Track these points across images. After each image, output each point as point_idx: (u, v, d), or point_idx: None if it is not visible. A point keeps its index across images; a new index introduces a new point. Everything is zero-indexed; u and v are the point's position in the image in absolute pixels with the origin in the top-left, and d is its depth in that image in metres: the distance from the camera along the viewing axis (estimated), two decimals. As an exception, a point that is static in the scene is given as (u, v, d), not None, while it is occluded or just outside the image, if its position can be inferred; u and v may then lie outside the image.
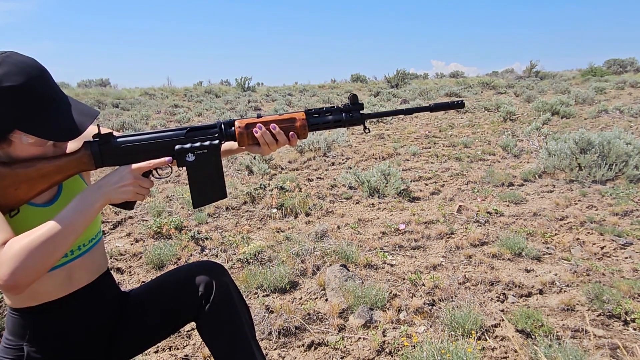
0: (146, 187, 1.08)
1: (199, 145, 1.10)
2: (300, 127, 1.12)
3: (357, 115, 1.12)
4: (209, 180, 1.13)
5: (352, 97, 1.13)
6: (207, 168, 1.12)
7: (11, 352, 1.13)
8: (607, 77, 19.41)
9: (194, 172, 1.12)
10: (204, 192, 1.14)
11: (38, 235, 0.94)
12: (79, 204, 1.00)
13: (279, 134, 1.12)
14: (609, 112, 9.04)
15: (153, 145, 1.10)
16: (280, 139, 1.12)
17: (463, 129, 8.27)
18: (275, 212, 3.79)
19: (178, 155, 1.10)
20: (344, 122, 1.13)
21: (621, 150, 4.36)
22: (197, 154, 1.10)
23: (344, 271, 2.52)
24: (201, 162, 1.11)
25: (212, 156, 1.11)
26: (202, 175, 1.12)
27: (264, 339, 2.04)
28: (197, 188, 1.14)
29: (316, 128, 1.14)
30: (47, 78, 1.01)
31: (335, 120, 1.13)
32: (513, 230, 3.29)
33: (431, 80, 26.68)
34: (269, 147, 1.13)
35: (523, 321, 2.04)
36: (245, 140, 1.12)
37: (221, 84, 27.03)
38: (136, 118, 10.84)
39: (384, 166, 4.44)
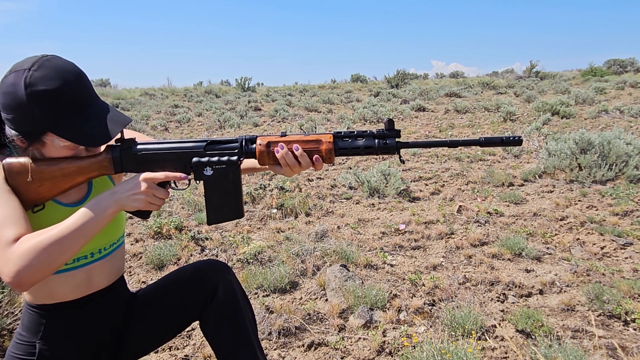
0: (160, 197, 1.05)
1: (217, 160, 1.05)
2: (326, 151, 1.04)
3: (392, 143, 1.02)
4: (225, 197, 1.08)
5: (388, 122, 1.02)
6: (224, 184, 1.07)
7: (23, 349, 1.13)
8: (607, 77, 19.40)
9: (211, 187, 1.08)
10: (220, 209, 1.10)
11: (48, 236, 0.94)
12: (91, 209, 1.00)
13: (301, 156, 1.04)
14: (609, 113, 9.04)
15: (171, 155, 1.07)
16: (303, 162, 1.05)
17: (463, 129, 8.27)
18: (276, 212, 3.79)
19: (195, 168, 1.06)
20: (377, 150, 1.04)
21: (621, 150, 4.36)
22: (215, 168, 1.06)
23: (344, 271, 2.52)
24: (219, 178, 1.06)
25: (230, 172, 1.06)
26: (219, 191, 1.08)
27: (264, 339, 2.04)
28: (213, 204, 1.09)
29: (344, 153, 1.05)
30: (83, 83, 1.02)
31: (367, 146, 1.04)
32: (513, 230, 3.29)
33: (431, 80, 26.68)
34: (290, 168, 1.07)
35: (523, 321, 2.04)
36: (265, 159, 1.07)
37: (221, 84, 27.05)
38: (136, 118, 10.85)
39: (384, 166, 4.44)
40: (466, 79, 24.45)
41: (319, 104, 14.44)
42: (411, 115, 10.70)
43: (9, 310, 2.02)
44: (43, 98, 0.96)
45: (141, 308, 1.29)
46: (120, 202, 1.02)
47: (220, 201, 1.09)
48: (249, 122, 10.60)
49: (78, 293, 1.14)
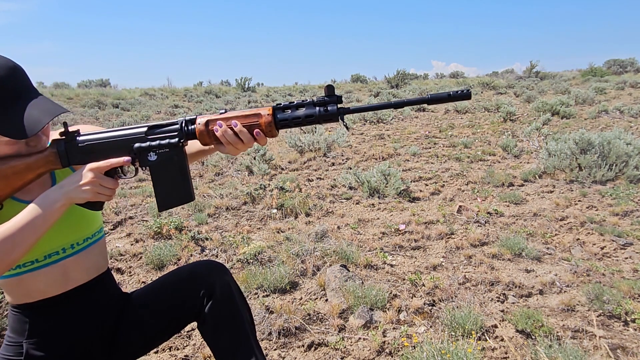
0: (109, 186, 1.04)
1: (158, 144, 1.03)
2: (266, 124, 1.00)
3: (333, 110, 0.97)
4: (173, 181, 1.06)
5: (328, 87, 0.98)
6: (170, 168, 1.05)
7: (12, 350, 1.14)
8: (607, 77, 19.40)
9: (157, 172, 1.06)
10: (169, 194, 1.08)
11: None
12: (39, 204, 1.00)
13: (241, 132, 1.01)
14: (609, 113, 9.04)
15: (112, 144, 1.05)
16: (244, 138, 1.02)
17: (463, 129, 8.27)
18: (276, 212, 3.79)
19: (139, 154, 1.04)
20: (318, 118, 0.99)
21: (621, 150, 4.36)
22: (159, 153, 1.03)
23: (344, 271, 2.52)
24: (164, 162, 1.04)
25: (174, 155, 1.04)
26: (166, 176, 1.06)
27: (264, 339, 2.04)
28: (161, 190, 1.07)
29: (286, 125, 1.01)
30: (16, 77, 1.01)
31: (307, 115, 0.99)
32: (513, 230, 3.29)
33: (431, 80, 26.68)
34: (233, 146, 1.04)
35: (523, 321, 2.04)
36: (206, 139, 1.04)
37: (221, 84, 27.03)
38: (136, 118, 10.85)
39: (384, 166, 4.44)
40: (466, 79, 24.46)
41: (319, 104, 14.42)
42: (411, 115, 10.70)
43: (9, 310, 2.02)
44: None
45: (136, 308, 1.29)
46: (67, 194, 1.01)
47: (168, 186, 1.07)
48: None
49: (55, 290, 1.14)
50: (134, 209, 4.10)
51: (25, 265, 1.09)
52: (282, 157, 6.31)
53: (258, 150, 5.82)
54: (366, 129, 8.82)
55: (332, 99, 0.98)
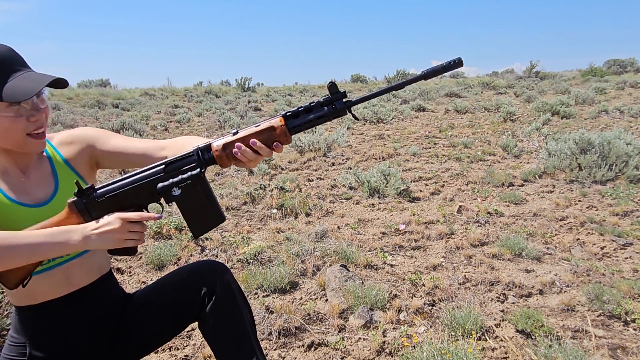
0: (138, 230, 1.03)
1: (180, 178, 1.03)
2: (281, 134, 1.02)
3: (340, 105, 1.00)
4: (201, 208, 1.07)
5: (331, 86, 1.00)
6: (196, 198, 1.06)
7: (15, 350, 1.15)
8: (607, 77, 19.40)
9: (184, 204, 1.06)
10: (201, 222, 1.09)
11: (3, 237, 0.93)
12: (55, 234, 0.98)
13: (260, 148, 1.03)
14: (609, 113, 9.04)
15: (134, 190, 1.05)
16: (264, 153, 1.04)
17: (463, 129, 8.27)
18: (276, 212, 3.79)
19: (163, 193, 1.04)
20: (329, 116, 1.01)
21: (621, 150, 4.36)
22: (182, 186, 1.03)
23: (344, 271, 2.52)
24: (188, 194, 1.05)
25: (198, 185, 1.04)
26: (194, 205, 1.07)
27: (264, 339, 2.04)
28: (193, 218, 1.09)
29: (299, 130, 1.04)
30: (11, 53, 1.03)
31: (318, 117, 1.02)
32: (513, 230, 3.29)
33: (431, 80, 26.68)
34: (253, 162, 1.06)
35: (523, 321, 2.04)
36: (226, 162, 1.05)
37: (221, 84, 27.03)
38: (136, 118, 10.85)
39: (384, 166, 4.44)
40: (466, 79, 24.45)
41: (319, 104, 14.41)
42: (411, 115, 10.70)
43: (9, 310, 2.02)
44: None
45: (138, 309, 1.29)
46: (88, 239, 0.99)
47: (198, 214, 1.08)
48: (249, 122, 10.60)
49: (59, 292, 1.14)
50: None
51: None
52: (282, 157, 6.31)
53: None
54: (366, 129, 8.82)
55: (337, 95, 1.00)
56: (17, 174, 1.12)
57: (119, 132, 8.41)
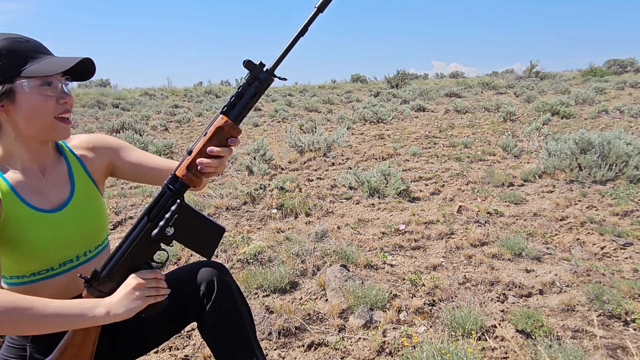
0: (154, 286, 1.06)
1: (167, 218, 1.04)
2: (229, 129, 1.02)
3: (263, 75, 1.00)
4: (199, 232, 1.09)
5: (247, 63, 1.00)
6: (189, 226, 1.07)
7: (14, 352, 1.14)
8: (607, 77, 19.40)
9: (183, 237, 1.08)
10: (205, 243, 1.11)
11: (12, 301, 0.91)
12: (83, 308, 0.98)
13: (220, 151, 1.03)
14: (609, 113, 9.04)
15: (133, 251, 1.07)
16: (224, 154, 1.04)
17: (463, 129, 8.27)
18: (276, 212, 3.79)
19: (159, 239, 1.06)
20: (259, 90, 1.02)
21: (621, 150, 4.36)
22: (172, 224, 1.05)
23: (344, 271, 2.52)
24: (181, 227, 1.06)
25: (184, 214, 1.06)
26: (191, 233, 1.08)
27: (264, 339, 2.04)
28: (197, 245, 1.11)
29: (242, 116, 1.03)
30: (37, 42, 1.07)
31: (251, 96, 1.02)
32: (513, 230, 3.29)
33: (431, 80, 26.66)
34: (220, 167, 1.06)
35: (523, 321, 2.04)
36: (197, 181, 1.05)
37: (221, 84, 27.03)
38: (136, 118, 10.85)
39: (384, 166, 4.44)
40: (466, 79, 24.45)
41: (319, 104, 14.44)
42: (411, 115, 10.70)
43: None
44: (3, 49, 1.00)
45: None
46: (111, 311, 1.00)
47: (199, 238, 1.09)
48: (249, 122, 10.60)
49: (65, 295, 1.14)
50: (134, 209, 4.11)
51: (41, 273, 1.09)
52: (282, 157, 6.31)
53: (258, 150, 5.82)
54: (366, 129, 8.82)
55: (257, 68, 1.00)
56: (37, 175, 1.11)
57: (119, 132, 8.40)
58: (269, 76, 1.01)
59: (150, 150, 6.20)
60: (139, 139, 6.22)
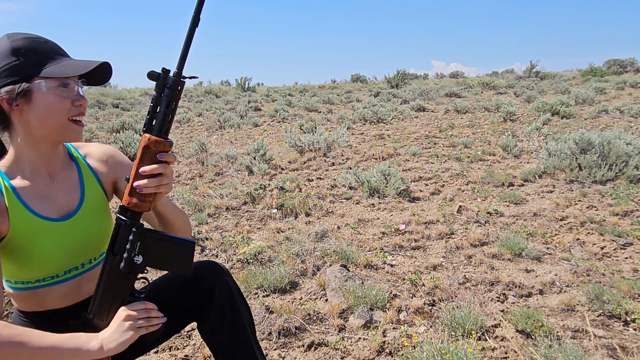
0: (144, 317, 1.04)
1: (129, 248, 1.02)
2: (156, 145, 0.99)
3: (171, 81, 0.97)
4: (168, 253, 1.06)
5: (150, 74, 0.97)
6: (156, 250, 1.04)
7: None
8: (607, 77, 19.40)
9: (154, 262, 1.05)
10: (179, 261, 1.07)
11: (9, 335, 0.91)
12: (77, 342, 0.98)
13: (152, 169, 0.99)
14: (609, 113, 9.04)
15: (110, 291, 1.05)
16: (160, 170, 1.00)
17: (463, 129, 8.27)
18: (276, 212, 3.79)
19: (131, 270, 1.04)
20: (172, 98, 0.98)
21: (621, 150, 4.36)
22: (137, 252, 1.02)
23: (344, 271, 2.52)
24: (148, 252, 1.04)
25: (146, 239, 1.03)
26: (161, 256, 1.05)
27: (264, 339, 2.04)
28: (171, 265, 1.08)
29: (165, 127, 1.00)
30: (53, 43, 1.07)
31: (166, 104, 0.98)
32: (513, 230, 3.29)
33: (431, 80, 26.68)
34: (164, 185, 1.02)
35: (523, 321, 2.04)
36: (145, 205, 1.02)
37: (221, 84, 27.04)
38: (136, 118, 10.85)
39: (384, 166, 4.44)
40: (466, 79, 24.45)
41: (319, 104, 14.44)
42: (411, 115, 10.70)
43: (9, 310, 2.02)
44: (23, 48, 1.01)
45: None
46: (105, 345, 1.00)
47: (171, 258, 1.07)
48: (249, 122, 10.60)
49: (69, 301, 1.14)
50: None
51: (45, 280, 1.09)
52: (282, 157, 6.31)
53: (258, 150, 5.82)
54: (366, 129, 8.82)
55: (162, 76, 0.97)
56: (46, 180, 1.11)
57: (118, 132, 8.40)
58: (177, 80, 0.97)
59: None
60: (139, 139, 6.22)
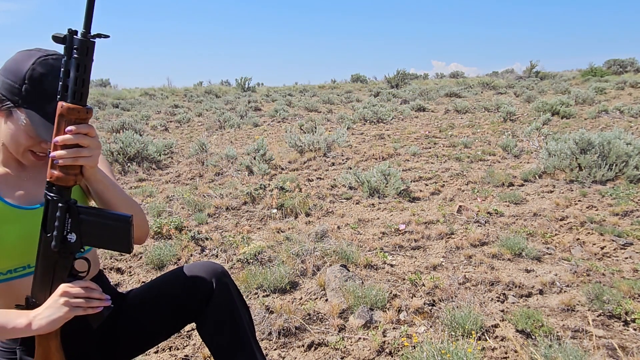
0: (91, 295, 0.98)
1: (57, 226, 0.94)
2: (70, 112, 0.91)
3: (77, 42, 0.88)
4: (103, 230, 0.98)
5: (55, 38, 0.89)
6: (90, 226, 0.97)
7: (5, 355, 1.13)
8: (607, 77, 19.39)
9: (89, 239, 0.98)
10: (116, 239, 0.99)
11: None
12: (8, 318, 0.97)
13: (65, 140, 0.91)
14: (609, 113, 9.04)
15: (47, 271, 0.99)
16: (76, 141, 0.92)
17: (463, 129, 8.27)
18: (276, 212, 3.79)
19: (66, 249, 0.97)
20: (82, 60, 0.89)
21: (621, 150, 4.36)
22: (69, 230, 0.95)
23: (344, 271, 2.52)
24: (82, 229, 0.97)
25: (78, 216, 0.95)
26: (95, 233, 0.98)
27: (264, 339, 2.04)
28: (107, 242, 1.00)
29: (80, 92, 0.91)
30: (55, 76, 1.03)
31: (76, 69, 0.89)
32: (513, 230, 3.29)
33: (431, 80, 26.66)
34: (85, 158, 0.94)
35: (523, 321, 2.04)
36: (68, 178, 0.93)
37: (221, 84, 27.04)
38: (136, 118, 10.85)
39: (384, 166, 4.44)
40: (466, 79, 24.45)
41: (319, 104, 14.44)
42: (411, 115, 10.70)
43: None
44: (36, 78, 1.00)
45: (133, 308, 1.28)
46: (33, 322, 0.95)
47: (107, 236, 0.99)
48: (249, 122, 10.60)
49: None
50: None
51: (17, 270, 1.07)
52: (282, 157, 6.31)
53: (258, 150, 5.82)
54: (366, 129, 8.82)
55: (69, 39, 0.89)
56: (17, 170, 1.11)
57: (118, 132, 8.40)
58: (86, 40, 0.89)
59: (150, 150, 6.20)
60: (139, 139, 6.22)
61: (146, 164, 6.09)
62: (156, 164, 6.23)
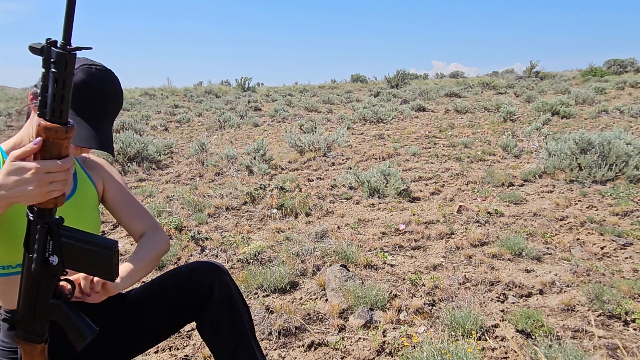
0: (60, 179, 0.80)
1: (37, 248, 0.87)
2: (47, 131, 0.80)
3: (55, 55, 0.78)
4: (86, 255, 0.91)
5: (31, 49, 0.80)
6: (72, 250, 0.90)
7: (6, 355, 1.13)
8: (607, 77, 19.39)
9: (72, 264, 0.91)
10: (99, 266, 0.92)
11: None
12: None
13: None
14: (609, 113, 9.04)
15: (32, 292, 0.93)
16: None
17: (463, 129, 8.27)
18: (276, 212, 3.79)
19: (47, 272, 0.90)
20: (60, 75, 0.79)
21: (621, 150, 4.36)
22: (52, 252, 0.89)
23: (344, 271, 2.52)
24: (64, 253, 0.90)
25: (60, 239, 0.88)
26: (78, 258, 0.91)
27: (264, 339, 2.04)
28: (91, 269, 0.93)
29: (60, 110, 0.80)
30: (110, 102, 1.07)
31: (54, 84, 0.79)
32: (513, 230, 3.29)
33: (431, 80, 26.66)
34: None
35: (523, 321, 2.04)
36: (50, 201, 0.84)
37: (221, 84, 27.03)
38: (136, 118, 10.84)
39: (384, 166, 4.44)
40: (466, 79, 24.44)
41: (319, 104, 14.44)
42: (411, 115, 10.70)
43: (2, 314, 2.02)
44: (78, 84, 1.01)
45: (133, 308, 1.28)
46: None
47: (90, 261, 0.92)
48: (249, 122, 10.60)
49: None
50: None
51: (19, 265, 1.07)
52: (282, 157, 6.31)
53: (258, 150, 5.82)
54: (366, 129, 8.82)
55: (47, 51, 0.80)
56: None
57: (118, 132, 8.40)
58: (65, 53, 0.79)
59: (150, 150, 6.20)
60: (139, 139, 6.22)
61: (146, 164, 6.09)
62: (156, 164, 6.23)
